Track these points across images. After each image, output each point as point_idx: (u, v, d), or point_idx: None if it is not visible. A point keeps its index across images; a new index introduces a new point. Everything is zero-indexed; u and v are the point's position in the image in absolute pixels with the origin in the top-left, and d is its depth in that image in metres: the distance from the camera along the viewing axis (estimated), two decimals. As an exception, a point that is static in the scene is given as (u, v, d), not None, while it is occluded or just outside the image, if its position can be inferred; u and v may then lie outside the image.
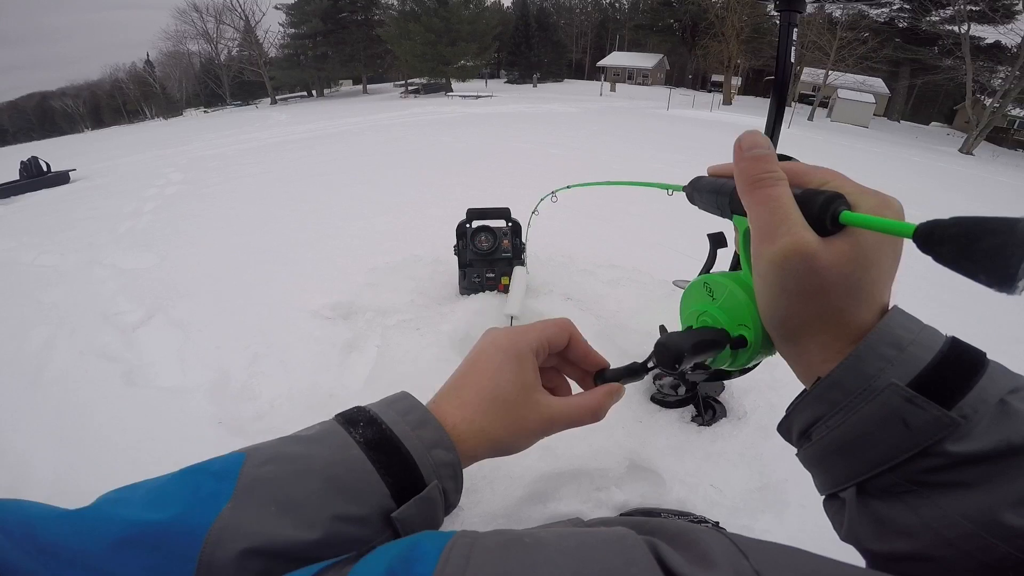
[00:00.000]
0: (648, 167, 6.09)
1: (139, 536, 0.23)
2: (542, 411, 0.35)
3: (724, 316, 0.35)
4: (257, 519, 0.25)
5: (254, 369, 2.04)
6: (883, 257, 0.28)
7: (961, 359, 0.26)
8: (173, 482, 0.27)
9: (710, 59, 28.90)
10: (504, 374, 0.35)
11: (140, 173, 7.23)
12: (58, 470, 1.61)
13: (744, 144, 0.30)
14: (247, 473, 0.27)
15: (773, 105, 1.32)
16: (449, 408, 0.34)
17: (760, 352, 0.34)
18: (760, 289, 0.31)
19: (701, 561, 0.23)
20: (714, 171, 0.38)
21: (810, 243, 0.27)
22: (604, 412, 0.38)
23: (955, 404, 0.24)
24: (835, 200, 0.27)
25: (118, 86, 59.49)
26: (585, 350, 0.40)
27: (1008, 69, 18.09)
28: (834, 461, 0.29)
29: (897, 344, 0.26)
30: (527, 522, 1.25)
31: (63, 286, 3.06)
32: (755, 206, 0.29)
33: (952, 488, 0.25)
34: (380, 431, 0.31)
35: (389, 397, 0.35)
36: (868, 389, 0.26)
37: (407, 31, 25.79)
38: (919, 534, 0.26)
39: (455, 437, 0.33)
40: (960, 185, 7.97)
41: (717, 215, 0.37)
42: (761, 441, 1.51)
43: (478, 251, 2.19)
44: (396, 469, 0.29)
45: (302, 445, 0.30)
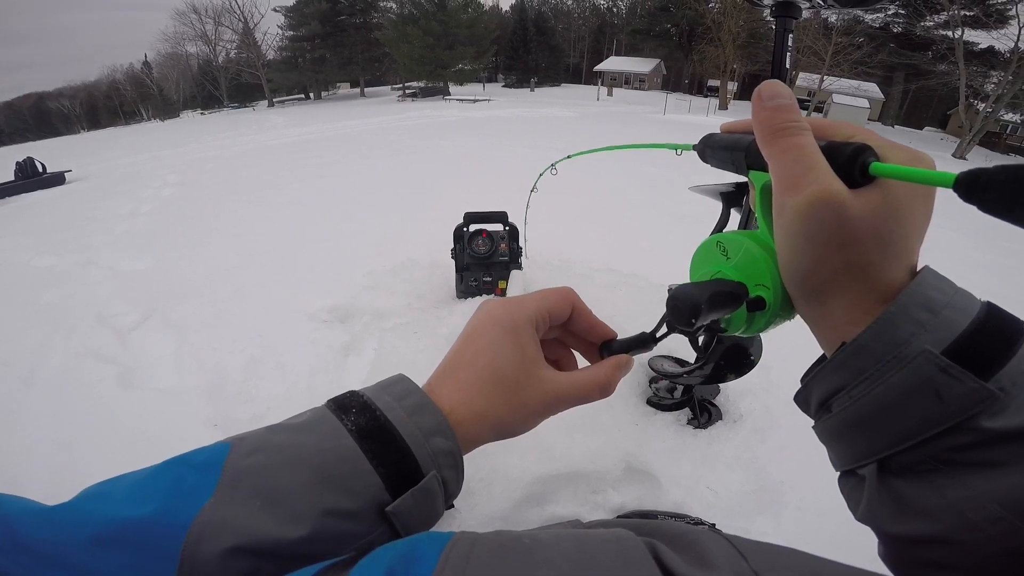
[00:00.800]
0: (645, 172, 6.11)
1: (118, 533, 0.22)
2: (546, 388, 0.33)
3: (740, 276, 0.32)
4: (241, 514, 0.24)
5: (250, 371, 2.04)
6: (915, 211, 0.26)
7: (998, 327, 0.24)
8: (154, 475, 0.25)
9: (706, 64, 29.15)
10: (502, 350, 0.32)
11: (136, 175, 7.21)
12: (53, 472, 1.60)
13: (764, 93, 0.28)
14: (231, 465, 0.26)
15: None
16: (446, 390, 0.32)
17: (779, 315, 0.31)
18: (782, 242, 0.28)
19: (700, 562, 0.22)
20: (728, 127, 0.36)
21: (839, 192, 0.25)
22: (613, 386, 0.35)
23: (992, 376, 0.22)
24: (864, 151, 0.25)
25: (115, 87, 59.29)
26: (590, 321, 0.37)
27: (1001, 74, 18.28)
28: (855, 435, 0.27)
29: (930, 307, 0.24)
30: (525, 524, 1.25)
31: (59, 287, 3.04)
32: (779, 155, 0.27)
33: (983, 468, 0.23)
34: (374, 418, 0.28)
35: (385, 380, 0.32)
36: (898, 356, 0.24)
37: (405, 34, 25.85)
38: (942, 516, 0.24)
39: (454, 421, 0.30)
40: (954, 190, 8.02)
41: (732, 171, 0.35)
42: (757, 443, 1.52)
43: (475, 255, 2.19)
44: (391, 459, 0.27)
45: (290, 434, 0.28)
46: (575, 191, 4.87)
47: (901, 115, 32.88)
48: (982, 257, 3.76)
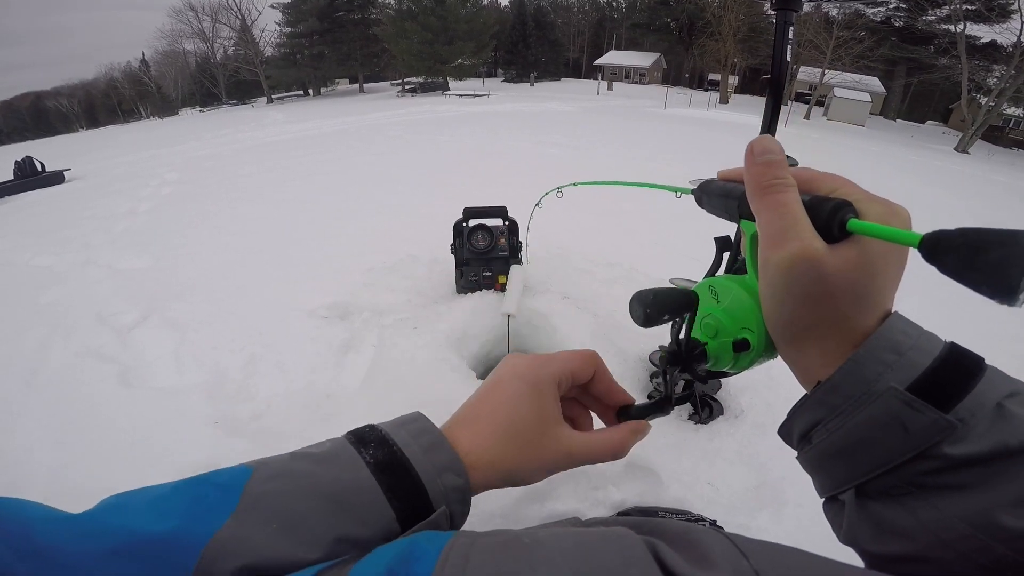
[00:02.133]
0: (646, 167, 6.09)
1: (136, 546, 0.23)
2: (560, 446, 0.34)
3: (728, 318, 0.35)
4: (258, 536, 0.25)
5: (251, 369, 2.04)
6: (889, 265, 0.28)
7: (959, 364, 0.26)
8: (176, 492, 0.26)
9: (707, 58, 28.89)
10: (522, 406, 0.34)
11: (135, 173, 7.20)
12: (54, 471, 1.60)
13: (756, 149, 0.30)
14: (252, 488, 0.27)
15: (769, 104, 1.32)
16: (463, 435, 0.33)
17: (762, 355, 0.34)
18: (766, 293, 0.31)
19: (700, 561, 0.23)
20: (724, 175, 0.38)
21: (817, 250, 0.27)
22: (627, 450, 0.37)
23: (952, 408, 0.25)
24: (843, 207, 0.27)
25: (113, 85, 58.98)
26: (609, 385, 0.39)
27: (1003, 68, 18.13)
28: (834, 464, 0.30)
29: (896, 349, 0.27)
30: (525, 521, 1.25)
31: (58, 287, 3.04)
32: (764, 211, 0.30)
33: (950, 490, 0.25)
34: (391, 452, 0.30)
35: (402, 417, 0.34)
36: (867, 393, 0.27)
37: (404, 30, 25.66)
38: (917, 536, 0.26)
39: (467, 464, 0.32)
40: (956, 184, 8.00)
41: (725, 219, 0.37)
42: (758, 439, 1.51)
43: (475, 250, 2.18)
44: (405, 493, 0.29)
45: (310, 463, 0.29)
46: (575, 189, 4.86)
47: (903, 109, 32.68)
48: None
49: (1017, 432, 0.24)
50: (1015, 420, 0.25)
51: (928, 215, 4.96)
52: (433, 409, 1.25)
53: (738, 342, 0.34)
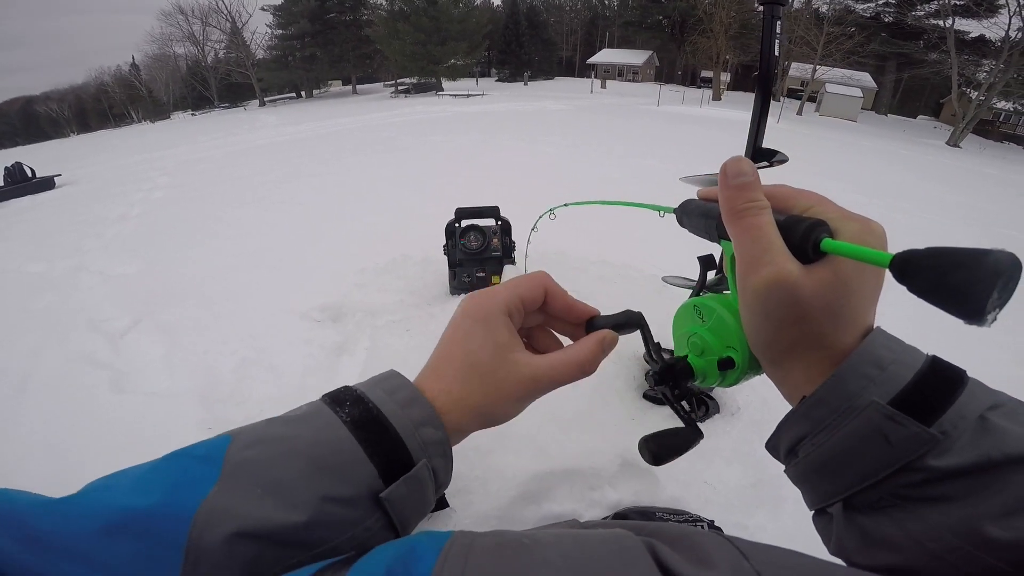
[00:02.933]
0: (640, 164, 6.09)
1: (125, 522, 0.23)
2: (522, 371, 0.33)
3: (713, 338, 0.35)
4: (243, 502, 0.25)
5: (243, 373, 2.02)
6: (865, 283, 0.28)
7: (941, 377, 0.26)
8: (158, 467, 0.26)
9: (699, 55, 28.95)
10: (475, 340, 0.33)
11: (127, 177, 7.14)
12: (46, 478, 1.58)
13: (729, 172, 0.30)
14: (232, 456, 0.27)
15: (758, 99, 1.32)
16: (430, 384, 0.33)
17: (748, 372, 0.35)
18: (745, 316, 0.31)
19: (701, 562, 0.23)
20: (703, 195, 0.37)
21: (791, 273, 0.27)
22: (595, 364, 0.36)
23: (935, 421, 0.25)
24: (816, 228, 0.27)
25: (103, 90, 58.47)
26: (566, 302, 0.38)
27: (993, 62, 18.28)
28: (820, 477, 0.30)
29: (878, 363, 0.27)
30: (521, 522, 1.24)
31: (50, 293, 3.01)
32: (738, 235, 0.30)
33: (935, 502, 0.25)
34: (367, 410, 0.30)
35: (377, 376, 0.34)
36: (850, 407, 0.27)
37: (396, 31, 25.56)
38: (904, 547, 0.26)
39: (439, 410, 0.32)
40: (949, 177, 8.05)
41: (706, 239, 0.37)
42: (754, 437, 1.51)
43: (468, 250, 2.18)
44: (384, 448, 0.29)
45: (288, 426, 0.29)
46: (569, 184, 4.86)
47: (894, 104, 32.82)
48: (974, 243, 3.76)
49: (999, 444, 0.24)
50: (997, 432, 0.25)
51: (922, 209, 4.99)
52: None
53: (723, 360, 0.35)
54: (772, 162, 1.31)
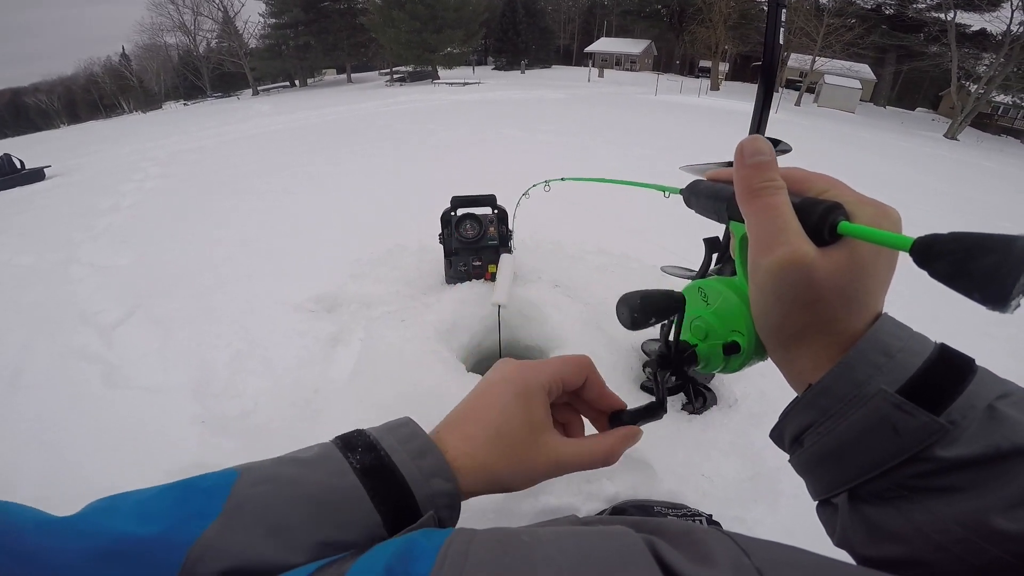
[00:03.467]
0: (638, 154, 6.05)
1: (122, 549, 0.23)
2: (549, 453, 0.34)
3: (718, 321, 0.35)
4: (242, 540, 0.25)
5: (237, 366, 2.00)
6: (879, 268, 0.28)
7: (950, 365, 0.26)
8: (161, 496, 0.26)
9: (698, 45, 28.72)
10: (512, 412, 0.34)
11: (118, 168, 7.05)
12: (40, 475, 1.57)
13: (746, 151, 0.30)
14: (238, 492, 0.27)
15: (761, 89, 1.29)
16: (452, 440, 0.33)
17: (753, 357, 0.34)
18: (755, 297, 0.31)
19: (701, 559, 0.22)
20: (713, 176, 0.37)
21: (807, 254, 0.27)
22: (617, 457, 0.36)
23: (944, 410, 0.24)
24: (833, 210, 0.27)
25: (93, 80, 57.57)
26: (601, 391, 0.39)
27: (993, 56, 18.22)
28: (826, 467, 0.29)
29: (886, 351, 0.27)
30: (518, 516, 1.24)
31: (40, 286, 2.98)
32: (754, 215, 0.29)
33: (942, 493, 0.25)
34: (378, 458, 0.30)
35: (391, 422, 0.34)
36: (858, 395, 0.27)
37: (391, 19, 25.16)
38: (910, 539, 0.26)
39: (455, 469, 0.32)
40: (946, 170, 8.05)
41: (714, 220, 0.37)
42: (752, 429, 1.50)
43: (464, 239, 2.15)
44: (391, 498, 0.29)
45: (297, 467, 0.29)
46: (565, 172, 4.82)
47: (893, 96, 32.72)
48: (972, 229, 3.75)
49: (1009, 434, 0.24)
50: (1007, 422, 0.24)
51: (919, 201, 4.98)
52: (422, 402, 1.21)
53: (728, 345, 0.34)
54: (775, 151, 1.28)
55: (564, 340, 1.86)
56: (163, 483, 0.28)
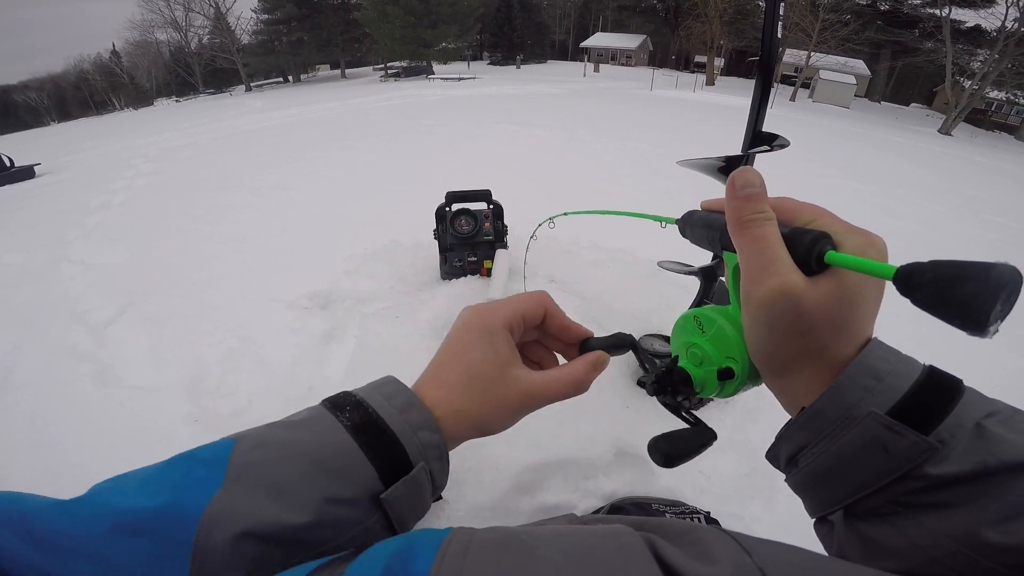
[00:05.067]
0: (633, 147, 6.04)
1: (134, 523, 0.23)
2: (520, 386, 0.35)
3: (713, 349, 0.36)
4: (249, 503, 0.25)
5: (230, 364, 1.98)
6: (867, 295, 0.29)
7: (938, 386, 0.27)
8: (163, 470, 0.27)
9: (693, 40, 28.69)
10: (476, 352, 0.35)
11: (109, 165, 6.96)
12: (32, 477, 1.54)
13: (737, 183, 0.31)
14: (237, 459, 0.27)
15: (758, 84, 1.28)
16: (429, 391, 0.34)
17: (747, 383, 0.35)
18: (748, 326, 0.32)
19: (702, 558, 0.22)
20: (707, 206, 0.38)
21: (796, 284, 0.28)
22: (587, 383, 0.37)
23: (933, 429, 0.26)
24: (820, 240, 0.28)
25: (84, 78, 56.95)
26: (563, 323, 0.40)
27: (987, 52, 18.29)
28: (821, 486, 0.30)
29: (875, 375, 0.28)
30: (515, 513, 1.23)
31: (30, 285, 2.93)
32: (744, 246, 0.30)
33: (935, 508, 0.26)
34: (366, 415, 0.31)
35: (375, 381, 0.35)
36: (849, 417, 0.28)
37: (385, 14, 24.99)
38: (906, 553, 0.27)
39: (437, 418, 0.33)
40: (940, 165, 8.07)
41: (708, 249, 0.38)
42: (748, 425, 1.50)
43: (459, 235, 2.13)
44: (383, 452, 0.30)
45: (290, 430, 0.30)
46: (561, 168, 4.80)
47: (887, 91, 32.81)
48: (964, 229, 3.82)
49: (996, 451, 0.25)
50: (994, 439, 0.25)
51: (913, 196, 5.00)
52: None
53: (722, 371, 0.35)
54: (772, 146, 1.28)
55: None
56: None
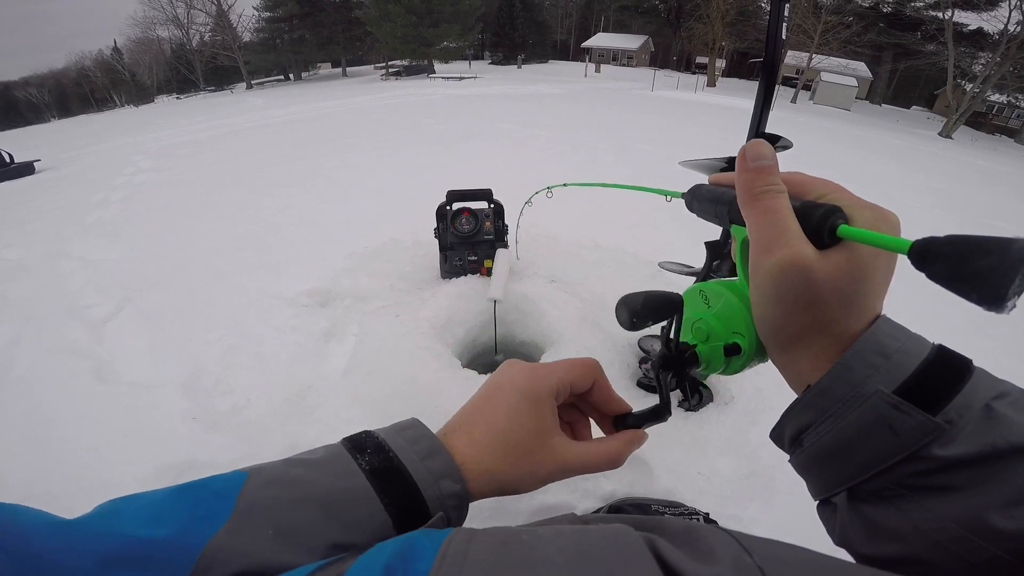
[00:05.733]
0: (635, 148, 6.03)
1: (132, 553, 0.23)
2: (556, 458, 0.34)
3: (719, 323, 0.35)
4: (253, 543, 0.25)
5: (229, 361, 1.97)
6: (878, 270, 0.28)
7: (947, 366, 0.26)
8: (172, 498, 0.26)
9: (695, 41, 28.65)
10: (519, 417, 0.34)
11: (109, 161, 6.95)
12: (29, 473, 1.54)
13: (748, 155, 0.30)
14: (247, 494, 0.27)
15: (762, 85, 1.27)
16: (458, 444, 0.33)
17: (753, 359, 0.35)
18: (756, 299, 0.31)
19: (702, 558, 0.22)
20: (715, 180, 0.37)
21: (807, 256, 0.28)
22: (623, 460, 0.37)
23: (940, 410, 0.25)
24: (833, 213, 0.28)
25: (84, 74, 56.91)
26: (608, 395, 0.39)
27: (989, 55, 18.28)
28: (825, 466, 0.30)
29: (883, 352, 0.27)
30: (515, 513, 1.22)
31: (29, 280, 2.93)
32: (755, 217, 0.30)
33: (940, 491, 0.25)
34: (387, 459, 0.30)
35: (399, 423, 0.34)
36: (856, 396, 0.27)
37: (387, 12, 24.97)
38: (909, 537, 0.26)
39: (463, 475, 0.32)
40: (940, 168, 8.07)
41: (716, 223, 0.38)
42: (748, 426, 1.50)
43: (459, 233, 2.13)
44: (401, 499, 0.29)
45: (306, 469, 0.29)
46: (562, 167, 4.80)
47: (888, 94, 32.80)
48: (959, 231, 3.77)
49: (1005, 433, 0.24)
50: (1003, 421, 0.25)
51: (913, 198, 5.00)
52: (417, 398, 1.19)
53: (729, 346, 0.35)
54: (776, 148, 1.26)
55: (560, 336, 1.85)
56: (170, 485, 0.27)
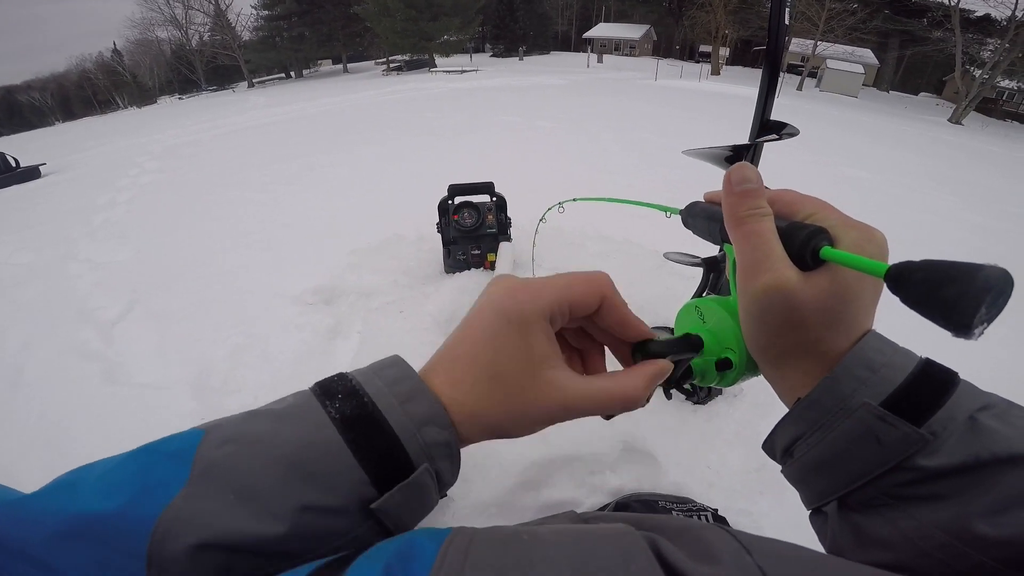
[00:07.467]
0: (638, 137, 5.99)
1: (82, 528, 0.21)
2: (554, 395, 0.28)
3: (712, 338, 0.36)
4: (212, 509, 0.22)
5: (236, 360, 1.99)
6: (863, 291, 0.28)
7: (932, 379, 0.27)
8: (124, 464, 0.24)
9: (697, 29, 28.37)
10: (505, 347, 0.28)
11: (113, 163, 6.99)
12: (44, 473, 1.54)
13: (733, 178, 0.30)
14: (203, 455, 0.24)
15: (766, 73, 1.25)
16: (439, 384, 0.28)
17: (745, 373, 0.35)
18: (744, 320, 0.32)
19: (703, 557, 0.22)
20: (709, 197, 0.37)
21: (789, 280, 0.28)
22: (642, 399, 0.30)
23: (925, 421, 0.26)
24: (816, 235, 0.28)
25: (86, 77, 57.24)
26: (622, 317, 0.32)
27: (998, 41, 17.93)
28: (815, 477, 0.30)
29: (870, 366, 0.28)
30: (520, 510, 1.22)
31: (38, 284, 2.96)
32: (740, 241, 0.30)
33: (926, 500, 0.26)
34: (360, 405, 0.26)
35: (379, 362, 0.29)
36: (843, 408, 0.28)
37: (386, 8, 24.81)
38: (897, 545, 0.27)
39: (447, 412, 0.28)
40: (950, 154, 7.95)
41: (709, 241, 0.38)
42: (757, 419, 1.49)
43: (462, 228, 2.12)
44: (378, 452, 0.25)
45: (268, 422, 0.25)
46: (565, 159, 4.76)
47: (896, 81, 32.30)
48: (973, 217, 3.77)
49: (988, 444, 0.25)
50: (986, 432, 0.25)
51: (923, 185, 4.93)
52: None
53: (721, 361, 0.35)
54: (781, 135, 1.25)
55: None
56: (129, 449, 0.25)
